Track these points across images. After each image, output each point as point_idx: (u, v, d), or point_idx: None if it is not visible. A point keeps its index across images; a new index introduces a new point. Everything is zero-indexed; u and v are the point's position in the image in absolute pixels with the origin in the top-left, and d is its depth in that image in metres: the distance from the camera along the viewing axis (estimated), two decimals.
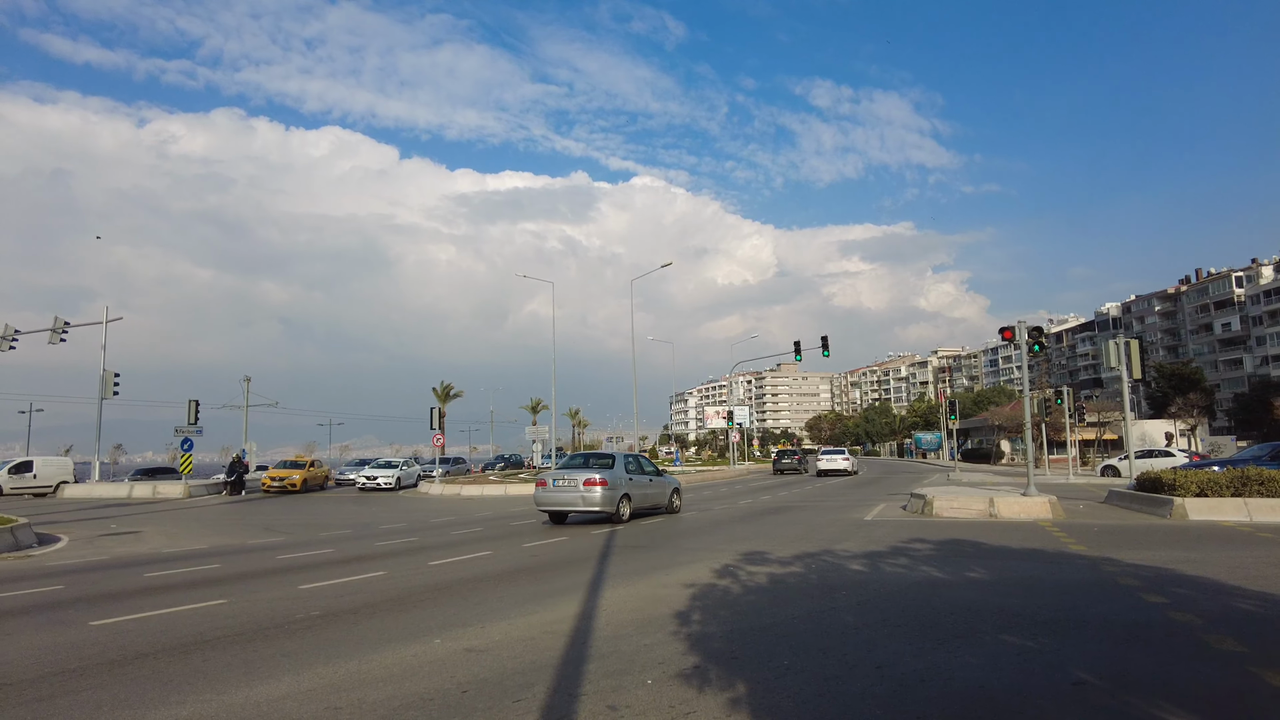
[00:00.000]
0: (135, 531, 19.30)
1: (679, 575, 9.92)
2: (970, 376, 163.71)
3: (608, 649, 6.23)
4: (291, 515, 24.50)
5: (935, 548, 12.18)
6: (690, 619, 7.29)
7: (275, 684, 5.41)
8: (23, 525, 16.65)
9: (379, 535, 17.09)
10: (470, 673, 5.61)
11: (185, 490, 35.59)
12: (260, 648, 6.53)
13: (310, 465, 42.10)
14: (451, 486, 37.82)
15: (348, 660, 6.02)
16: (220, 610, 8.37)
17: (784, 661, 5.80)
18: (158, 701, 5.06)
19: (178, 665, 6.01)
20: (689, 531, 15.92)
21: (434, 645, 6.48)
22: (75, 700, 5.14)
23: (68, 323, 41.03)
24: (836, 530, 15.24)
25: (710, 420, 78.32)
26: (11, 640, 7.11)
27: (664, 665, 5.72)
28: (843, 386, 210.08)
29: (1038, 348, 20.09)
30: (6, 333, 40.35)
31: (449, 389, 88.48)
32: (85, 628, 7.60)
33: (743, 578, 9.57)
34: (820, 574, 9.87)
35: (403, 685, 5.31)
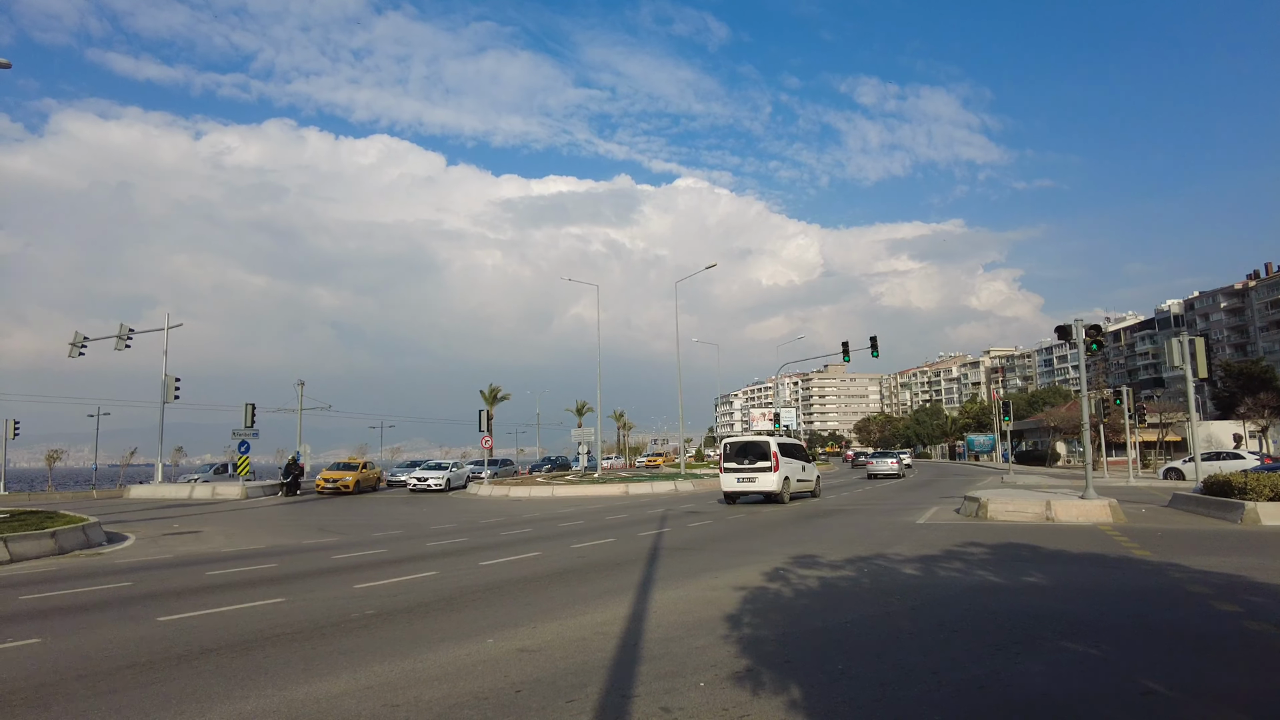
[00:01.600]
0: (196, 531, 19.89)
1: (728, 578, 9.86)
2: (1024, 377, 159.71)
3: (659, 651, 6.21)
4: (345, 516, 24.99)
5: (991, 552, 11.90)
6: (741, 622, 7.23)
7: (334, 681, 5.52)
8: (93, 524, 17.29)
9: (430, 536, 17.34)
10: (523, 672, 5.64)
11: (243, 491, 36.56)
12: (319, 645, 6.67)
13: (363, 467, 42.91)
14: (500, 488, 38.19)
15: (403, 659, 6.11)
16: (279, 608, 8.58)
17: (838, 666, 5.72)
18: (222, 696, 5.20)
19: (240, 661, 6.17)
20: (737, 534, 15.81)
21: (487, 645, 6.54)
22: (146, 693, 5.31)
23: (132, 329, 42.51)
24: (888, 534, 14.99)
25: (756, 422, 77.67)
26: (87, 634, 7.38)
27: (716, 668, 5.68)
28: (892, 388, 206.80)
29: (1095, 346, 19.51)
30: (77, 340, 41.96)
31: (496, 392, 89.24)
32: (153, 623, 7.85)
33: (794, 581, 9.47)
34: (873, 578, 9.72)
35: (457, 684, 5.37)
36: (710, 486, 37.13)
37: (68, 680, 5.68)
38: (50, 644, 6.99)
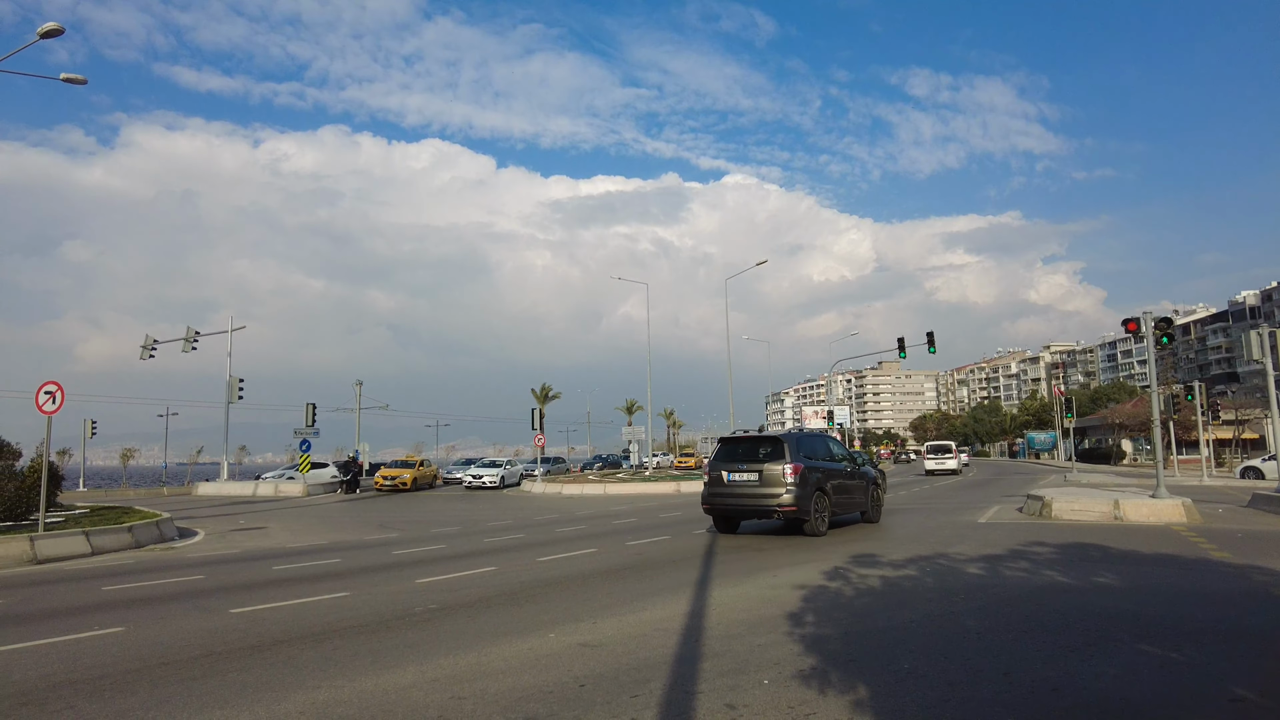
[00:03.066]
0: (261, 527, 20.51)
1: (787, 576, 9.76)
2: (1086, 373, 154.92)
3: (721, 648, 6.18)
4: (403, 513, 25.50)
5: (1057, 551, 11.56)
6: (803, 620, 7.16)
7: (401, 673, 5.62)
8: (166, 520, 17.97)
9: (487, 532, 17.57)
10: (586, 667, 5.67)
11: (304, 489, 37.60)
12: (384, 638, 6.80)
13: (420, 465, 43.77)
14: (553, 485, 38.54)
15: (467, 652, 6.19)
16: (345, 602, 8.78)
17: (905, 665, 5.61)
18: (294, 686, 5.34)
19: (310, 652, 6.33)
20: None
21: (549, 639, 6.59)
22: (223, 681, 5.48)
23: (198, 332, 44.08)
24: (949, 533, 14.68)
25: (808, 420, 76.80)
26: (166, 624, 7.66)
27: (780, 666, 5.63)
28: (948, 385, 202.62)
29: (1166, 340, 18.80)
30: (147, 343, 43.68)
31: (547, 391, 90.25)
32: (226, 615, 8.11)
33: (854, 580, 9.33)
34: (936, 577, 9.52)
35: (521, 678, 5.43)
36: None
37: (151, 667, 5.91)
38: (133, 633, 7.27)
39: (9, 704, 5.05)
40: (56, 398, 15.55)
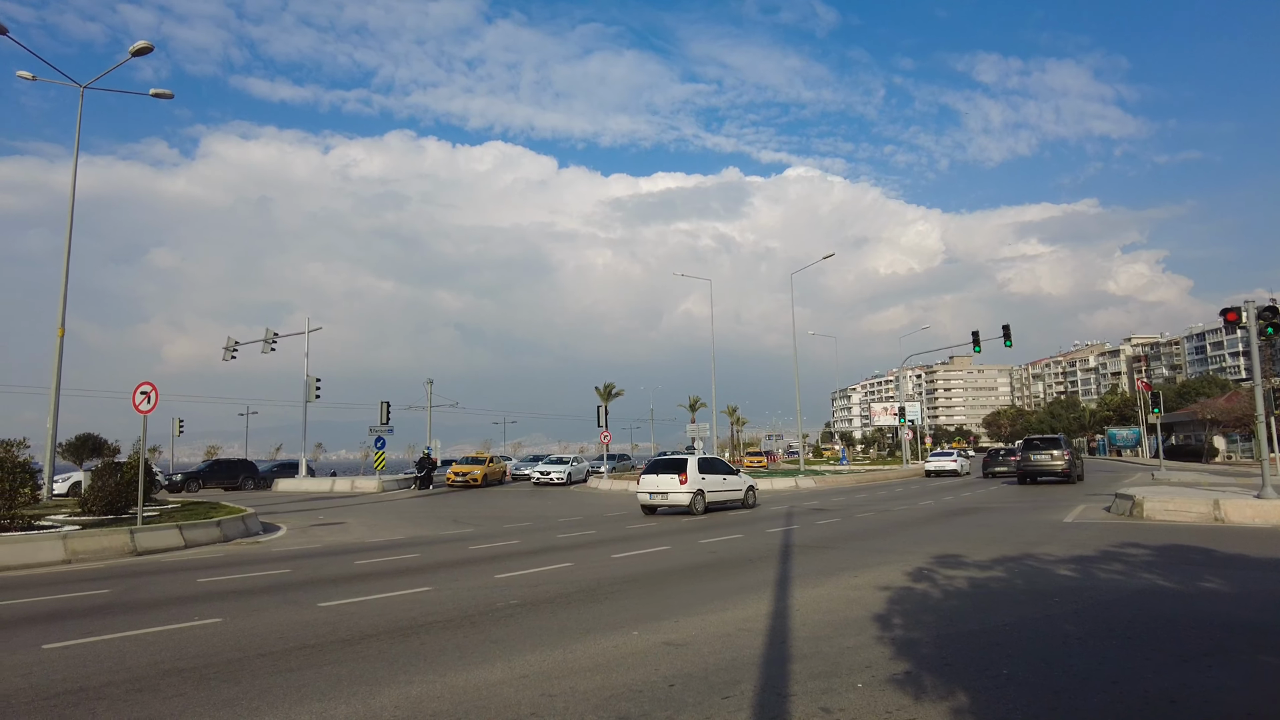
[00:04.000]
0: (340, 523, 21.11)
1: (869, 577, 9.54)
2: (1171, 366, 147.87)
3: (809, 649, 6.05)
4: (476, 508, 25.92)
5: (1154, 554, 11.01)
6: (891, 622, 6.97)
7: (490, 669, 5.66)
8: (251, 515, 18.65)
9: (558, 528, 17.71)
10: (674, 666, 5.62)
11: (379, 485, 38.57)
12: (470, 633, 6.88)
13: (490, 461, 44.46)
14: (619, 482, 38.67)
15: (553, 649, 6.21)
16: (428, 597, 8.93)
17: (1003, 671, 5.39)
18: (387, 680, 5.43)
19: (399, 647, 6.44)
20: (871, 532, 15.34)
21: (633, 637, 6.57)
22: (320, 673, 5.62)
23: (277, 334, 45.63)
24: (1034, 533, 14.15)
25: (877, 417, 75.40)
26: (260, 616, 7.92)
27: (872, 669, 5.48)
28: (1022, 379, 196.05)
29: (1271, 330, 17.73)
30: (229, 345, 45.45)
31: (610, 388, 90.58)
32: (314, 608, 8.33)
33: (940, 581, 9.06)
34: (1025, 579, 9.17)
35: (610, 676, 5.41)
36: (833, 483, 36.33)
37: (250, 658, 6.09)
38: (229, 624, 7.53)
39: (125, 689, 5.27)
40: (151, 397, 16.28)
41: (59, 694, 5.21)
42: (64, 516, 16.73)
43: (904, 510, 20.60)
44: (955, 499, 24.87)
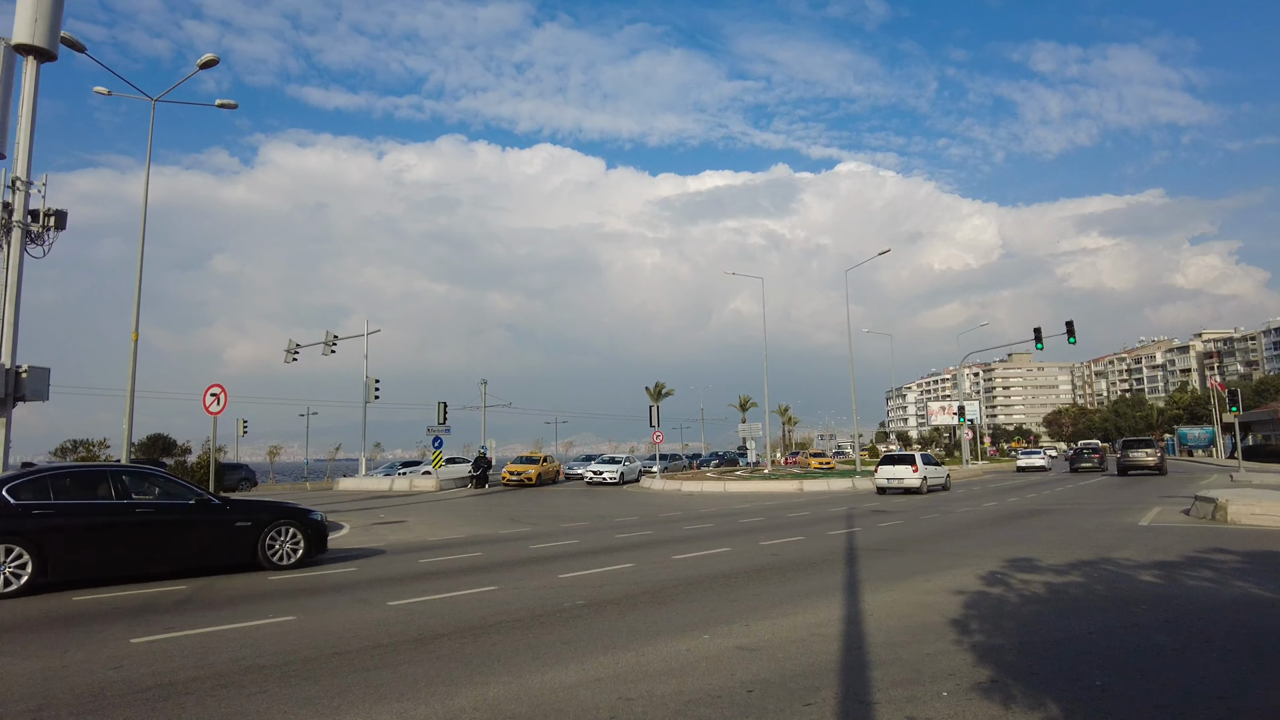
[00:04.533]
0: (401, 521, 21.45)
1: (941, 581, 9.29)
2: (1247, 362, 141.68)
3: (887, 656, 5.89)
4: (532, 507, 26.12)
5: (1245, 560, 10.50)
6: (969, 628, 6.75)
7: (563, 671, 5.64)
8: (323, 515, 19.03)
9: (615, 528, 17.70)
10: (749, 671, 5.52)
11: (437, 484, 39.20)
12: (540, 634, 6.87)
13: (543, 461, 44.85)
14: (671, 482, 38.60)
15: (624, 651, 6.16)
16: (494, 596, 8.98)
17: (1096, 682, 5.16)
18: (463, 681, 5.44)
19: (471, 647, 6.46)
20: (936, 535, 14.98)
21: (704, 641, 6.48)
22: (396, 673, 5.66)
23: (336, 336, 46.67)
24: (1110, 536, 13.64)
25: (934, 416, 73.69)
26: (331, 614, 8.05)
27: (955, 677, 5.30)
28: (1084, 377, 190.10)
29: None
30: (290, 347, 46.64)
31: (660, 388, 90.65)
32: (384, 607, 8.43)
33: (1016, 586, 8.76)
34: (1106, 585, 8.82)
35: (686, 680, 5.33)
36: None
37: (326, 656, 6.18)
38: (304, 622, 7.66)
39: (211, 684, 5.39)
40: (221, 399, 16.78)
41: (149, 688, 5.34)
42: None
43: (967, 512, 20.09)
44: (1020, 500, 24.18)
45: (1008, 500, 24.39)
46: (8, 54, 23.00)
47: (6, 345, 19.82)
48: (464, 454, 65.16)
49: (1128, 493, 26.58)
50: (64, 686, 5.44)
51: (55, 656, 6.33)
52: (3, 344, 19.90)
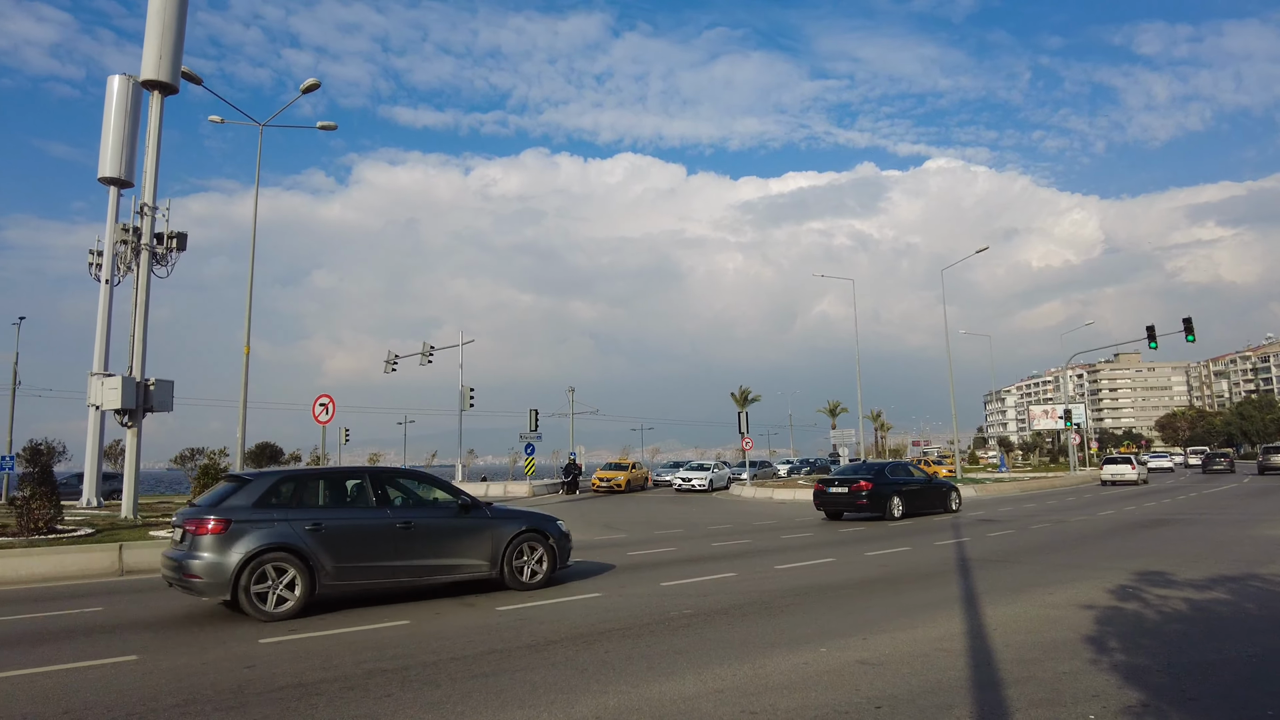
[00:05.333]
0: None
1: (1065, 594, 8.78)
2: None
3: (1020, 674, 5.57)
4: (624, 514, 26.20)
5: None
6: (1106, 646, 6.32)
7: (680, 681, 5.55)
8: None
9: (711, 536, 17.53)
10: (874, 687, 5.30)
11: (530, 489, 39.87)
12: (651, 643, 6.81)
13: (632, 467, 45.06)
14: (762, 489, 38.09)
15: (741, 663, 6.03)
16: (600, 603, 8.98)
17: (1268, 711, 4.73)
18: (581, 689, 5.42)
19: (585, 654, 6.45)
20: (1052, 546, 14.23)
21: (821, 654, 6.28)
22: (514, 679, 5.69)
23: (433, 347, 48.14)
24: (1249, 549, 12.65)
25: (1036, 420, 70.36)
26: (443, 619, 8.20)
27: (1101, 699, 4.95)
28: (1202, 377, 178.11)
29: None
30: (389, 358, 48.37)
31: (746, 393, 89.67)
32: (494, 612, 8.54)
33: (1152, 602, 8.19)
34: (1258, 603, 8.15)
35: (808, 695, 5.16)
36: (995, 492, 34.24)
37: (445, 661, 6.28)
38: (417, 626, 7.83)
39: (338, 686, 5.54)
40: (329, 409, 17.47)
41: (282, 688, 5.53)
42: None
43: (1083, 521, 19.04)
44: (1139, 509, 22.77)
45: (1125, 508, 23.02)
46: (136, 90, 24.74)
47: (136, 360, 21.22)
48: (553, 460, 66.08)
49: (1264, 502, 24.70)
50: (205, 683, 5.69)
51: (195, 654, 6.66)
52: (133, 359, 21.31)
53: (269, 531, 8.29)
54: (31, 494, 14.57)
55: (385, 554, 8.95)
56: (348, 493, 9.41)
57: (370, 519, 9.01)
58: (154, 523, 17.61)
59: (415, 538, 9.14)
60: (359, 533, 8.85)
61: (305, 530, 8.45)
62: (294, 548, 8.31)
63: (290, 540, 8.33)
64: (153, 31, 21.42)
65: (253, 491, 8.58)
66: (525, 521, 10.18)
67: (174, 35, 21.68)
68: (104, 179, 24.86)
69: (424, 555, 9.20)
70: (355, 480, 9.57)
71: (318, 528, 8.54)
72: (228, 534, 8.14)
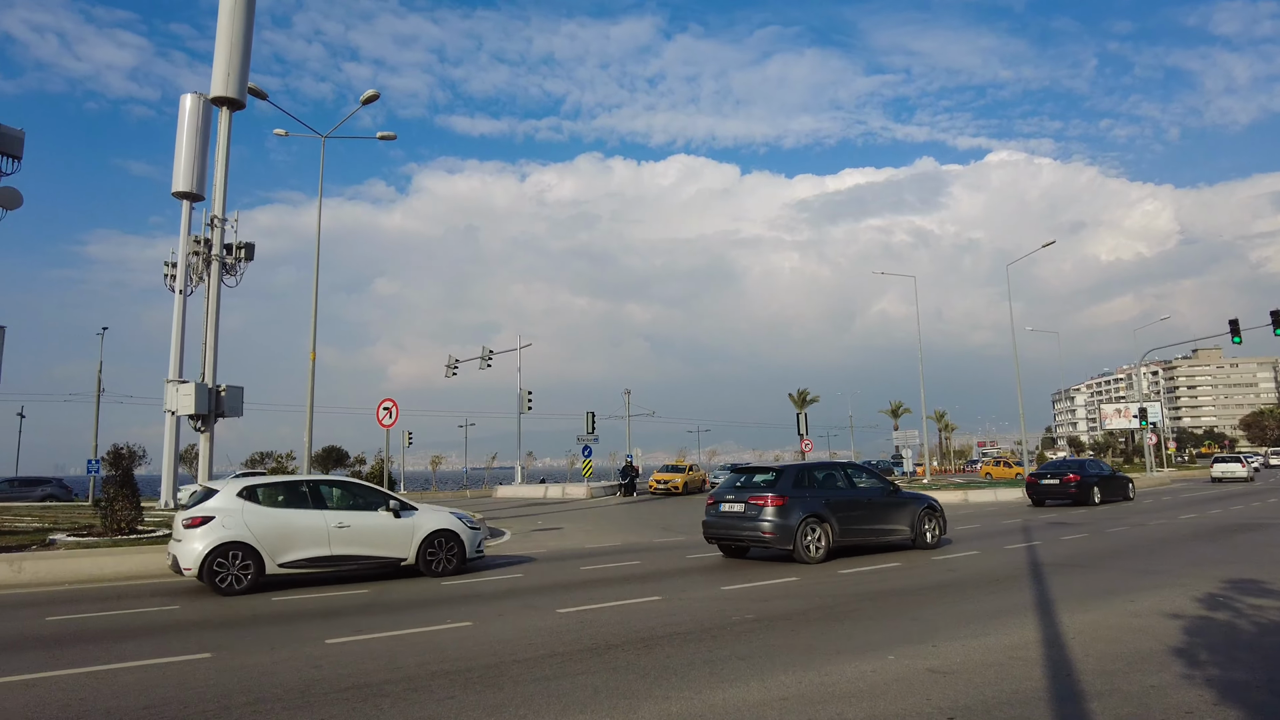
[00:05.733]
0: (558, 528, 21.97)
1: (1148, 602, 8.35)
2: None
3: (1102, 686, 5.29)
4: (682, 516, 26.04)
5: None
6: (1197, 659, 5.97)
7: (744, 688, 5.43)
8: (480, 520, 19.82)
9: None
10: (946, 697, 5.10)
11: (588, 492, 40.04)
12: (713, 648, 6.70)
13: (689, 470, 44.86)
14: None
15: (805, 670, 5.88)
16: (659, 606, 8.90)
17: None
18: (643, 694, 5.35)
19: (646, 658, 6.38)
20: (1131, 550, 13.62)
21: (889, 661, 6.09)
22: (575, 682, 5.65)
23: (492, 351, 48.83)
24: None
25: (1109, 420, 67.77)
26: (505, 621, 8.24)
27: (1195, 715, 4.67)
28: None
29: None
30: (450, 363, 49.22)
31: (805, 394, 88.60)
32: (553, 614, 8.54)
33: (1246, 612, 7.73)
34: None
35: (878, 704, 4.99)
36: None
37: (506, 664, 6.28)
38: (479, 628, 7.88)
39: (402, 688, 5.58)
40: (393, 413, 17.82)
41: (347, 688, 5.60)
42: None
43: (1162, 525, 18.18)
44: (1224, 512, 21.67)
45: (1209, 512, 21.93)
46: (206, 107, 25.69)
47: (208, 367, 21.99)
48: (610, 462, 66.28)
49: None
50: (274, 682, 5.81)
51: (265, 653, 6.80)
52: (205, 366, 22.09)
53: (808, 504, 12.58)
54: (114, 496, 15.18)
55: (865, 520, 13.38)
56: (833, 476, 13.83)
57: (853, 493, 13.58)
58: None
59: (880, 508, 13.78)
60: (850, 503, 13.24)
61: (823, 504, 12.70)
62: (820, 515, 12.57)
63: (818, 510, 12.56)
64: (221, 50, 22.18)
65: (789, 476, 13.03)
66: (923, 501, 14.30)
67: (241, 53, 22.41)
68: (177, 193, 25.87)
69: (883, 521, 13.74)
70: (834, 468, 14.49)
71: (830, 501, 12.88)
72: (786, 506, 12.43)
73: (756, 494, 12.72)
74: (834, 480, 13.54)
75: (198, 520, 10.39)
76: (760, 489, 12.87)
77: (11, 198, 13.06)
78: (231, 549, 10.26)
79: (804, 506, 12.37)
